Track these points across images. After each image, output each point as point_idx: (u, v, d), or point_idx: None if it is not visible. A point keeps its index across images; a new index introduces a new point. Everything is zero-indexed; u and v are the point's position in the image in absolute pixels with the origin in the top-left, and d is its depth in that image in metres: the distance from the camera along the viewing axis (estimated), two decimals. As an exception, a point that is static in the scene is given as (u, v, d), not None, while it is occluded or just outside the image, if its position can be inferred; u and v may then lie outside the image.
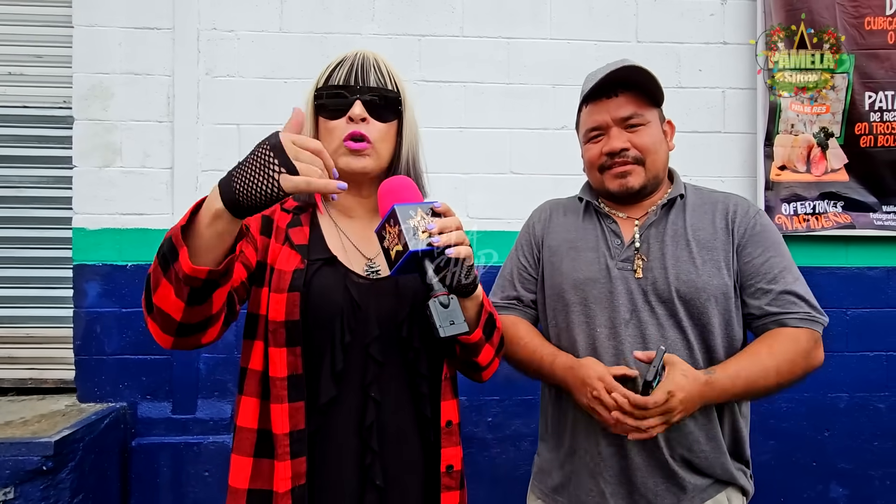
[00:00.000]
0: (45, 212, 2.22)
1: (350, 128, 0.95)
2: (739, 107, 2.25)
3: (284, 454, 0.88)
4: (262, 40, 2.14)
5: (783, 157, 2.21)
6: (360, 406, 0.93)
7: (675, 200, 1.21)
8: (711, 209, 1.20)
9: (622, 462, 1.13)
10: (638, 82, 1.18)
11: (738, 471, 1.16)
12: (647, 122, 1.19)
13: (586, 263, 1.20)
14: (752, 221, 1.18)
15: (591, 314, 1.18)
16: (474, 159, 2.19)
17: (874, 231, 2.20)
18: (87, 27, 2.10)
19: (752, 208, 1.21)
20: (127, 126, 2.11)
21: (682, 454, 1.12)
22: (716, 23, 2.25)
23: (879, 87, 2.20)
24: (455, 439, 0.99)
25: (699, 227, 1.18)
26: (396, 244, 0.84)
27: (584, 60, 2.18)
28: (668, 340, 1.13)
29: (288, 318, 0.90)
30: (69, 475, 1.73)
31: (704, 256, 1.15)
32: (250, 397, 0.92)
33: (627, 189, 1.19)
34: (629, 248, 1.18)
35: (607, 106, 1.19)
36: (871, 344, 2.22)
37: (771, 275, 1.14)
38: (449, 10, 2.19)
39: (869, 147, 2.20)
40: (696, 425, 1.12)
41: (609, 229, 1.22)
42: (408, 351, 0.96)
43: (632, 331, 1.14)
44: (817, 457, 2.21)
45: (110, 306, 2.09)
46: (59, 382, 2.20)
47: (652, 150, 1.18)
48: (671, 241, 1.17)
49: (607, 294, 1.17)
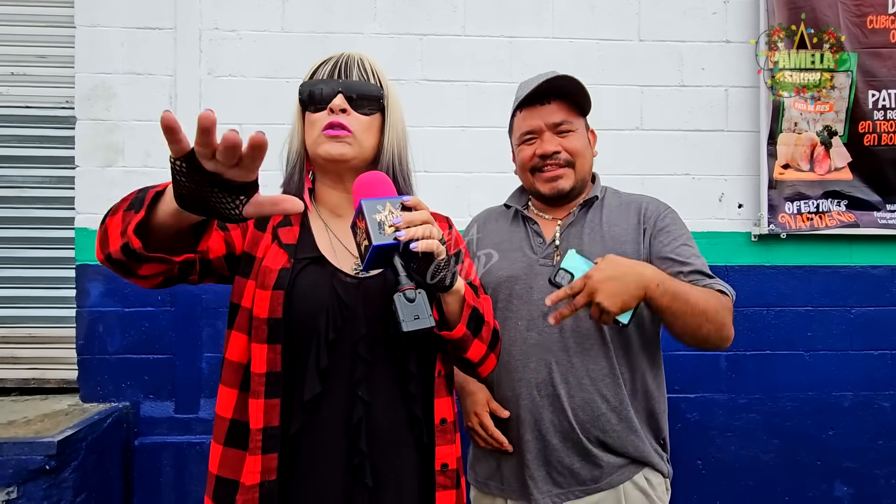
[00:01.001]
0: (48, 212, 2.22)
1: (330, 118, 0.96)
2: (742, 105, 2.24)
3: (256, 448, 0.89)
4: (264, 40, 2.14)
5: (786, 156, 2.20)
6: (348, 405, 0.92)
7: (594, 201, 1.32)
8: (626, 209, 1.31)
9: (540, 444, 1.21)
10: (569, 92, 1.28)
11: (654, 452, 1.24)
12: (575, 128, 1.29)
13: (510, 262, 1.30)
14: (661, 215, 1.28)
15: (513, 309, 1.27)
16: (476, 158, 2.19)
17: (878, 230, 2.20)
18: (89, 27, 2.10)
19: (662, 206, 1.32)
20: (129, 126, 2.11)
21: (597, 436, 1.21)
22: (718, 21, 2.24)
23: (882, 85, 2.19)
24: (450, 437, 0.98)
25: (614, 224, 1.29)
26: (364, 239, 0.84)
27: (586, 59, 2.18)
28: (583, 330, 1.22)
29: (271, 315, 0.90)
30: (72, 475, 1.74)
31: (616, 250, 1.23)
32: (227, 387, 0.94)
33: (559, 191, 1.29)
34: (550, 245, 1.29)
35: (540, 112, 1.29)
36: (875, 342, 2.22)
37: (681, 258, 1.23)
38: (451, 9, 2.19)
39: (872, 145, 2.20)
40: (608, 407, 1.21)
41: (532, 230, 1.32)
42: (396, 349, 0.95)
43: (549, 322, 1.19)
44: (822, 456, 2.20)
45: (113, 306, 2.09)
46: (62, 382, 2.20)
47: (581, 154, 1.29)
48: (587, 237, 1.27)
49: (527, 289, 1.26)
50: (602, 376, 1.22)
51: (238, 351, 0.93)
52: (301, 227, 0.99)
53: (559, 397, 1.21)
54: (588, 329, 1.22)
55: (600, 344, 1.23)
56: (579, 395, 1.21)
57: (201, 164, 0.64)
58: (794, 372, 2.20)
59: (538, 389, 1.22)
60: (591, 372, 1.22)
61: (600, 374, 1.22)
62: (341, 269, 0.97)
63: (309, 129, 0.99)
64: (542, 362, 1.22)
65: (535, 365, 1.23)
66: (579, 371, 1.21)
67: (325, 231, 1.01)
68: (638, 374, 1.26)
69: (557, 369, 1.21)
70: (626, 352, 1.25)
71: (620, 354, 1.24)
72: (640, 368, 1.26)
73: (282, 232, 0.97)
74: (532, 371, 1.23)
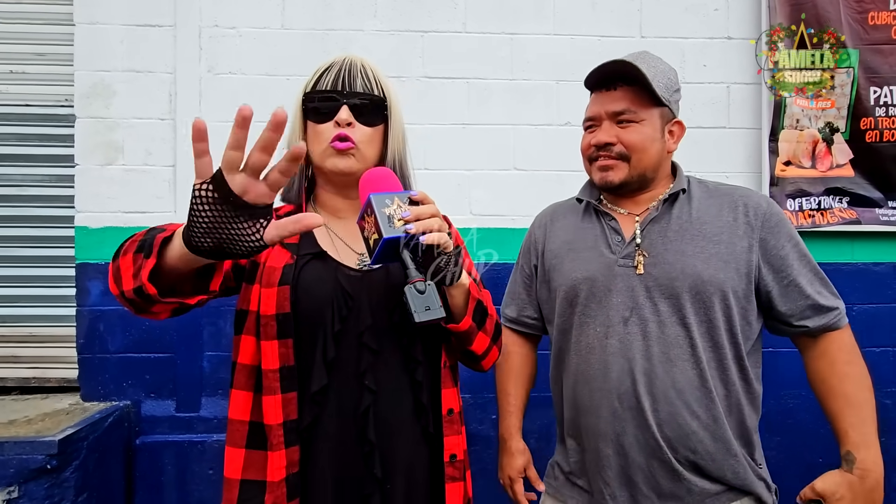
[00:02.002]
0: (48, 210, 2.21)
1: (336, 131, 0.97)
2: (744, 102, 2.23)
3: (279, 444, 0.89)
4: (264, 37, 2.14)
5: (788, 153, 2.19)
6: (356, 395, 0.93)
7: (678, 195, 1.18)
8: (718, 202, 1.17)
9: (622, 461, 1.11)
10: (637, 78, 1.15)
11: (757, 479, 1.13)
12: (640, 119, 1.16)
13: (584, 262, 1.19)
14: (767, 214, 1.15)
15: (589, 313, 1.16)
16: (478, 156, 2.18)
17: (880, 226, 2.19)
18: (88, 25, 2.09)
19: (763, 200, 1.18)
20: (129, 124, 2.10)
21: (687, 456, 1.09)
22: (720, 18, 2.24)
23: (884, 81, 2.19)
24: (457, 427, 0.99)
25: (706, 221, 1.15)
26: (373, 233, 0.85)
27: (587, 56, 2.17)
28: (669, 337, 1.11)
29: (279, 311, 0.91)
30: (73, 474, 1.73)
31: (711, 250, 1.12)
32: (241, 390, 0.94)
33: (607, 183, 1.19)
34: (630, 244, 1.16)
35: (604, 98, 1.19)
36: (877, 339, 2.21)
37: (812, 297, 1.14)
38: (451, 6, 2.18)
39: (874, 142, 2.19)
40: (699, 424, 1.09)
41: (609, 227, 1.20)
42: (402, 337, 0.96)
43: (631, 328, 1.12)
44: (824, 453, 2.20)
45: (113, 304, 2.08)
46: (63, 381, 2.19)
47: (639, 148, 1.16)
48: (675, 235, 1.14)
49: (605, 292, 1.15)
50: (691, 389, 1.09)
51: (249, 353, 0.94)
52: None
53: (643, 411, 1.09)
54: (675, 336, 1.11)
55: (689, 353, 1.10)
56: (665, 408, 1.09)
57: (228, 185, 0.66)
58: (797, 369, 2.17)
59: (620, 401, 1.11)
60: (677, 384, 1.09)
61: (688, 386, 1.09)
62: (344, 263, 0.98)
63: (315, 140, 0.99)
64: (625, 372, 1.11)
65: (616, 374, 1.11)
66: (665, 382, 1.09)
67: (326, 231, 1.02)
68: (733, 388, 1.12)
69: (642, 380, 1.10)
70: (719, 364, 1.12)
71: (714, 366, 1.11)
72: (735, 382, 1.13)
73: None
74: (614, 381, 1.11)
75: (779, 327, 1.18)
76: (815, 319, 1.14)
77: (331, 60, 1.01)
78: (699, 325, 1.11)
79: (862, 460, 1.09)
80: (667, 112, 1.19)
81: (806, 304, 1.14)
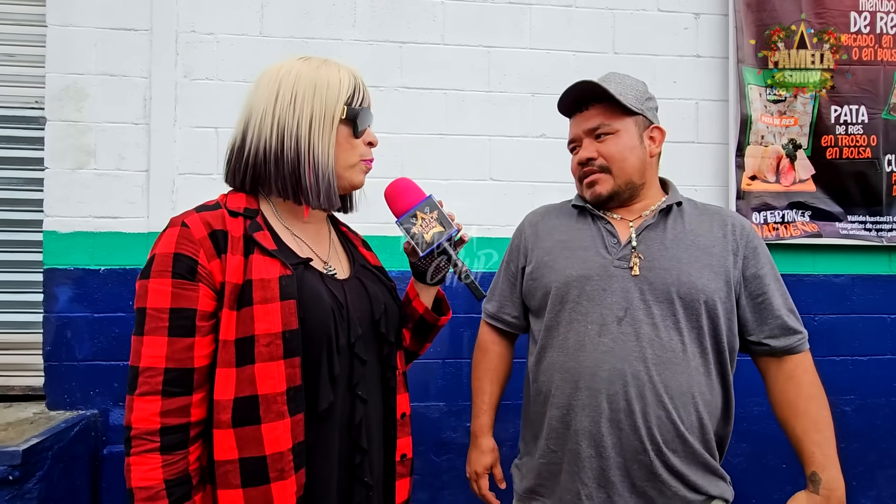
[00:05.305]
0: (15, 214, 2.16)
1: (369, 151, 1.03)
2: (712, 118, 2.31)
3: (289, 471, 0.84)
4: (242, 44, 2.13)
5: (754, 168, 2.27)
6: (350, 407, 0.94)
7: (672, 207, 1.24)
8: (709, 219, 1.24)
9: (601, 462, 1.12)
10: (604, 94, 1.22)
11: (728, 487, 1.19)
12: (615, 130, 1.23)
13: (581, 261, 1.21)
14: (749, 236, 1.22)
15: (583, 311, 1.18)
16: (454, 166, 2.21)
17: (840, 240, 2.28)
18: (60, 27, 2.06)
19: (747, 224, 1.25)
20: (101, 128, 2.07)
21: (670, 461, 1.11)
22: (689, 36, 2.31)
23: (845, 101, 2.28)
24: (408, 430, 1.04)
25: (700, 234, 1.21)
26: (434, 227, 1.01)
27: (562, 70, 2.22)
28: (663, 340, 1.13)
29: (286, 328, 0.86)
30: (37, 485, 1.68)
31: (704, 261, 1.17)
32: (224, 429, 0.84)
33: (597, 196, 1.24)
34: (626, 247, 1.20)
35: (579, 119, 1.27)
36: (837, 349, 2.30)
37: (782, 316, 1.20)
38: (430, 17, 2.21)
39: (835, 159, 2.28)
40: (686, 429, 1.12)
41: (605, 229, 1.24)
42: (383, 346, 1.00)
43: (625, 329, 1.14)
44: (787, 459, 2.26)
45: (82, 311, 2.04)
46: (28, 389, 2.13)
47: (618, 158, 1.22)
48: (672, 243, 1.19)
49: (601, 291, 1.17)
50: (680, 394, 1.11)
51: (230, 386, 0.85)
52: (269, 231, 0.95)
53: (633, 413, 1.10)
54: (668, 340, 1.13)
55: (681, 358, 1.13)
56: (655, 412, 1.10)
57: None
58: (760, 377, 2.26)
59: (609, 402, 1.11)
60: (669, 388, 1.11)
61: (678, 391, 1.11)
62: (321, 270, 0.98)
63: (347, 148, 0.99)
64: (617, 372, 1.11)
65: (607, 374, 1.12)
66: (657, 387, 1.11)
67: (291, 235, 0.99)
68: (715, 396, 1.16)
69: (633, 382, 1.11)
70: (706, 370, 1.15)
71: (701, 373, 1.14)
72: (717, 390, 1.17)
73: (259, 237, 0.91)
74: (604, 381, 1.12)
75: (746, 344, 1.24)
76: (782, 339, 1.20)
77: (352, 76, 0.99)
78: (690, 332, 1.15)
79: (827, 480, 1.15)
80: (642, 120, 1.25)
81: (776, 324, 1.20)
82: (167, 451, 0.82)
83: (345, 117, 0.97)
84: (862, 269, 2.32)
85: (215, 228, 0.89)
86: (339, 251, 1.08)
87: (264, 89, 0.97)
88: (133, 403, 0.83)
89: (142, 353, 0.84)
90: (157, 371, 0.83)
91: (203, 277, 0.86)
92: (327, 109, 0.95)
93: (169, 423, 0.82)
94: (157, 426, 0.82)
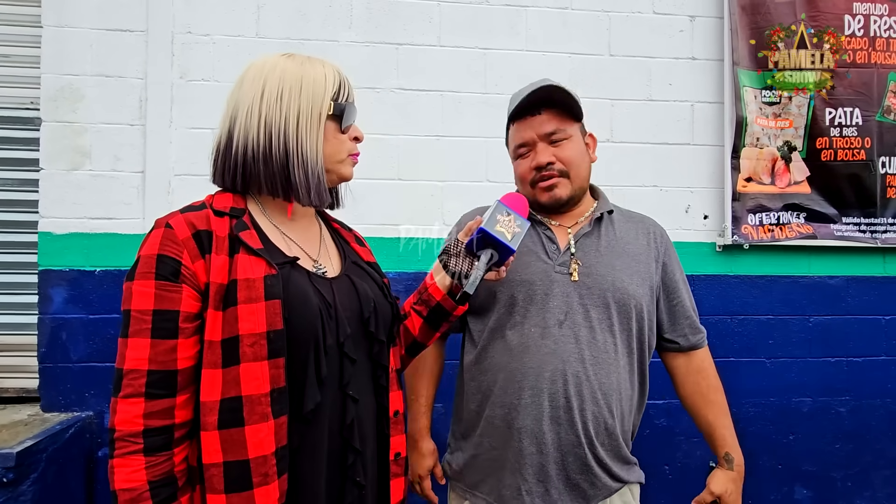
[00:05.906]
0: (10, 215, 2.15)
1: (355, 146, 1.04)
2: (707, 120, 2.32)
3: (271, 476, 0.83)
4: (239, 45, 2.13)
5: (749, 170, 2.28)
6: (340, 406, 0.93)
7: (604, 215, 1.31)
8: (635, 227, 1.33)
9: (541, 458, 1.18)
10: (558, 100, 1.26)
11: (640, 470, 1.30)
12: (569, 136, 1.27)
13: (525, 266, 1.24)
14: (667, 244, 1.35)
15: (526, 314, 1.22)
16: (450, 167, 2.21)
17: (834, 241, 2.29)
18: (56, 27, 2.06)
19: (664, 232, 1.37)
20: (97, 129, 2.07)
21: (599, 453, 1.20)
22: (685, 39, 2.32)
23: (839, 103, 2.30)
24: (401, 427, 1.03)
25: (628, 241, 1.30)
26: (512, 227, 1.07)
27: (558, 72, 2.23)
28: (598, 342, 1.20)
29: (270, 328, 0.85)
30: (31, 487, 1.68)
31: (634, 268, 1.26)
32: (209, 431, 0.84)
33: (557, 200, 1.27)
34: (565, 253, 1.25)
35: (531, 123, 1.27)
36: (832, 350, 2.30)
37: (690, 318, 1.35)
38: (426, 19, 2.21)
39: (829, 161, 2.29)
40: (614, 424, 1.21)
41: (545, 236, 1.28)
42: (373, 345, 0.99)
43: (565, 332, 1.20)
44: (782, 460, 2.27)
45: (77, 312, 2.04)
46: (22, 391, 2.13)
47: (575, 163, 1.27)
48: (606, 250, 1.26)
49: (543, 295, 1.22)
50: (612, 391, 1.20)
51: (216, 387, 0.84)
52: (256, 230, 0.94)
53: (571, 410, 1.17)
54: (603, 342, 1.20)
55: (614, 358, 1.21)
56: (591, 408, 1.18)
57: None
58: (756, 378, 2.27)
59: (551, 400, 1.17)
60: (604, 386, 1.19)
61: (610, 388, 1.19)
62: (309, 269, 0.97)
63: (334, 143, 0.99)
64: (558, 372, 1.17)
65: (549, 375, 1.18)
66: (593, 384, 1.18)
67: (279, 234, 0.98)
68: (636, 392, 1.27)
69: (573, 381, 1.17)
70: (631, 369, 1.24)
71: (628, 370, 1.23)
72: (637, 387, 1.27)
73: (245, 236, 0.90)
74: (546, 381, 1.18)
75: (658, 342, 1.36)
76: (690, 337, 1.34)
77: (336, 72, 1.00)
78: (621, 333, 1.23)
79: (738, 459, 1.35)
80: (582, 126, 1.32)
81: (686, 324, 1.34)
82: (151, 453, 0.82)
83: (332, 113, 0.97)
84: (856, 270, 2.33)
85: (199, 229, 0.88)
86: (331, 248, 1.07)
87: (249, 86, 0.96)
88: (117, 406, 0.83)
89: (126, 356, 0.84)
90: (140, 373, 0.83)
91: (187, 279, 0.86)
92: (314, 105, 0.95)
93: (152, 425, 0.82)
94: (140, 428, 0.82)
